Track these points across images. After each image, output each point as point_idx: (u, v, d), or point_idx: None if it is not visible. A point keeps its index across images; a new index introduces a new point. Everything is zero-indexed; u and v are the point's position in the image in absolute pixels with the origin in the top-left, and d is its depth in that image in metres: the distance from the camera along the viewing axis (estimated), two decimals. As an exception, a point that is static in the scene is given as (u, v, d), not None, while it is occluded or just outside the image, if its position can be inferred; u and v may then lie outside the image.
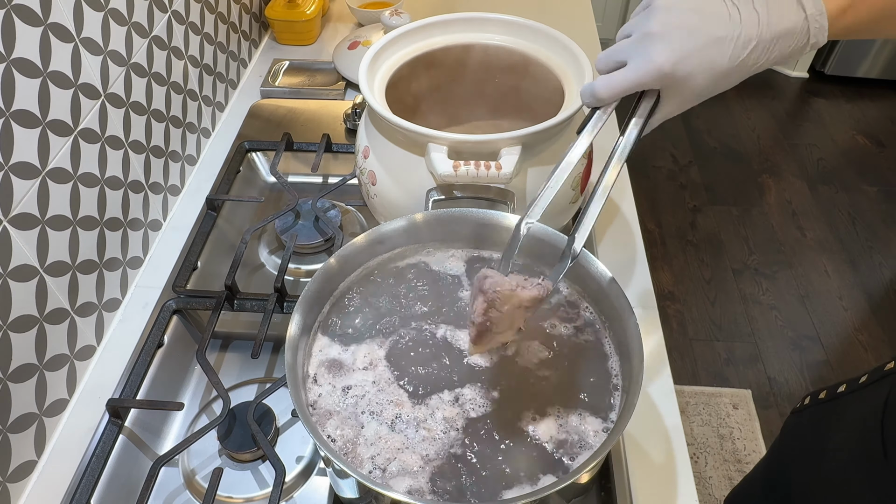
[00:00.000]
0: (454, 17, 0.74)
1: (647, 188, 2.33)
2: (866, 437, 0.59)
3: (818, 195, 2.31)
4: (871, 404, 0.61)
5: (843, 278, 2.03)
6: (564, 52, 0.70)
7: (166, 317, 0.74)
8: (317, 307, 0.57)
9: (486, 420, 0.51)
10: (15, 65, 0.57)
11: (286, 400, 0.68)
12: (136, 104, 0.78)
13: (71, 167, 0.66)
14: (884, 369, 0.62)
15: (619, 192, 0.91)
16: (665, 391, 0.69)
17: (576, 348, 0.55)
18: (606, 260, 0.81)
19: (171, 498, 0.64)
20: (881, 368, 0.63)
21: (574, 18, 1.27)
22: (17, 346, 0.59)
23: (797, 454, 0.71)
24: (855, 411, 0.64)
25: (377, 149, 0.68)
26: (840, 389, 0.68)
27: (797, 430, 0.74)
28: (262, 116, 1.03)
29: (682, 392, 1.73)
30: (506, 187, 0.62)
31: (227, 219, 0.89)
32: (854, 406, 0.64)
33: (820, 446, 0.67)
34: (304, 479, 0.65)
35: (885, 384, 0.61)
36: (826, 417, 0.68)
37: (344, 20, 1.28)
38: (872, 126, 2.59)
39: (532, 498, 0.44)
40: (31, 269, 0.61)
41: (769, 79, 2.83)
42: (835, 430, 0.65)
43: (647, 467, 0.63)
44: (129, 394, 0.67)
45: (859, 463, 0.60)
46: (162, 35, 0.83)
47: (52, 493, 0.62)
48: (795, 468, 0.70)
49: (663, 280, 2.03)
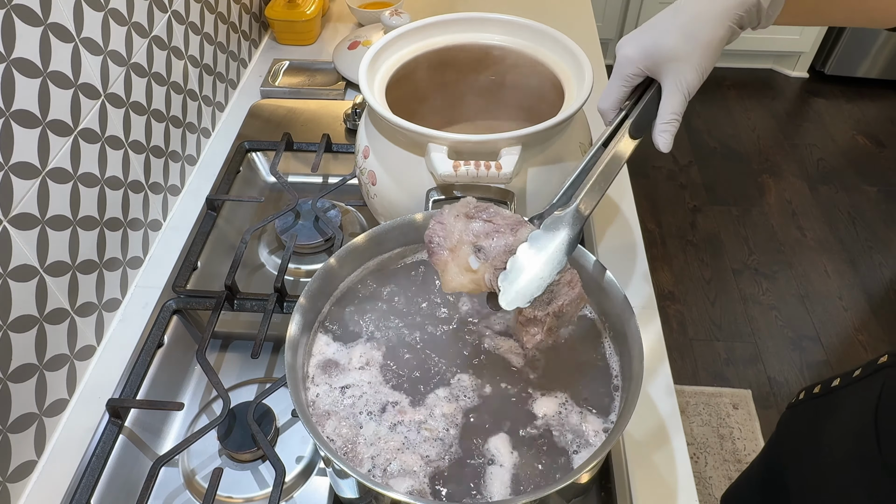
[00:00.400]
0: (454, 17, 0.74)
1: (647, 188, 2.33)
2: (860, 430, 0.59)
3: (818, 195, 2.31)
4: (865, 398, 0.61)
5: (843, 278, 2.03)
6: (564, 52, 0.70)
7: (166, 317, 0.74)
8: (317, 307, 0.57)
9: (486, 420, 0.51)
10: (15, 65, 0.57)
11: (286, 400, 0.68)
12: (136, 104, 0.78)
13: (71, 167, 0.66)
14: (877, 363, 0.63)
15: (619, 192, 0.91)
16: (665, 391, 0.69)
17: (575, 348, 0.55)
18: (606, 260, 0.81)
19: (171, 498, 0.64)
20: (874, 362, 0.63)
21: (574, 18, 1.27)
22: (17, 346, 0.59)
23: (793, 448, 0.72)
24: (849, 405, 0.64)
25: (377, 149, 0.68)
26: (834, 383, 0.68)
27: (792, 425, 0.74)
28: (262, 116, 1.03)
29: (682, 392, 1.73)
30: (506, 187, 0.62)
31: (227, 219, 0.89)
32: (848, 400, 0.65)
33: (815, 440, 0.67)
34: (304, 479, 0.65)
35: (878, 378, 0.61)
36: (820, 411, 0.68)
37: (344, 20, 1.28)
38: (872, 126, 2.59)
39: (532, 498, 0.44)
40: (31, 269, 0.61)
41: (769, 79, 2.83)
42: (829, 424, 0.66)
43: (647, 467, 0.63)
44: (129, 394, 0.67)
45: (853, 456, 0.60)
46: (162, 35, 0.83)
47: (52, 493, 0.62)
48: (791, 462, 0.70)
49: (663, 280, 2.03)
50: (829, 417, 0.66)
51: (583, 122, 0.71)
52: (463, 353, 0.55)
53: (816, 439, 0.67)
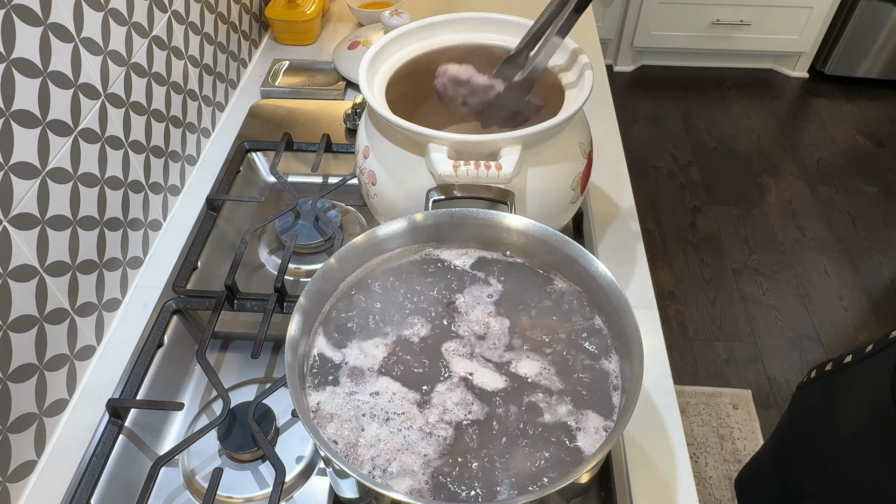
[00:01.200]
0: (454, 17, 0.74)
1: (647, 188, 2.33)
2: (877, 405, 0.59)
3: (818, 195, 2.31)
4: (880, 372, 0.61)
5: (843, 278, 2.03)
6: (564, 52, 0.70)
7: (166, 317, 0.74)
8: (317, 307, 0.57)
9: (485, 420, 0.51)
10: (15, 65, 0.57)
11: (286, 400, 0.68)
12: (136, 104, 0.78)
13: (71, 167, 0.66)
14: (889, 337, 0.62)
15: (619, 192, 0.91)
16: (665, 391, 0.69)
17: (575, 348, 0.55)
18: (606, 260, 0.81)
19: (171, 498, 0.64)
20: (886, 337, 0.63)
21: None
22: (17, 346, 0.59)
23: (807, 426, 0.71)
24: (864, 381, 0.64)
25: (377, 149, 0.68)
26: (847, 360, 0.68)
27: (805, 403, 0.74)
28: (262, 116, 1.03)
29: (682, 392, 1.73)
30: (506, 187, 0.62)
31: (227, 219, 0.89)
32: (862, 375, 0.65)
33: (829, 416, 0.67)
34: (304, 479, 0.65)
35: (891, 351, 0.61)
36: (834, 389, 0.68)
37: (344, 20, 1.28)
38: (872, 126, 2.59)
39: (532, 497, 0.44)
40: (31, 269, 0.61)
41: (769, 79, 2.83)
42: (844, 399, 0.65)
43: (647, 467, 0.63)
44: (129, 394, 0.67)
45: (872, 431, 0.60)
46: (162, 35, 0.83)
47: (52, 493, 0.62)
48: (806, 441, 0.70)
49: (663, 280, 2.03)
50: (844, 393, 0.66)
51: (583, 122, 0.71)
52: (464, 351, 0.55)
53: (831, 415, 0.67)
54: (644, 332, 0.52)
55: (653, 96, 2.72)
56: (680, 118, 2.61)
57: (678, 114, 2.63)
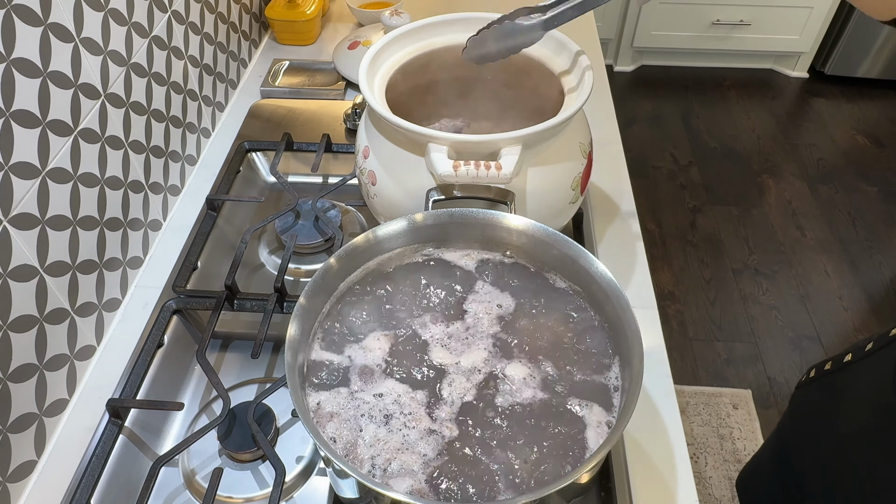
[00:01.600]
0: (454, 17, 0.74)
1: (647, 188, 2.33)
2: (878, 403, 0.59)
3: (818, 195, 2.31)
4: (880, 371, 0.61)
5: (843, 278, 2.03)
6: (564, 52, 0.70)
7: (166, 317, 0.74)
8: (317, 307, 0.57)
9: (486, 420, 0.51)
10: (15, 65, 0.57)
11: (286, 400, 0.68)
12: (136, 104, 0.78)
13: (71, 167, 0.66)
14: (889, 334, 0.62)
15: (618, 191, 0.91)
16: (665, 391, 0.69)
17: (576, 348, 0.55)
18: (606, 260, 0.81)
19: (171, 498, 0.64)
20: (886, 334, 0.63)
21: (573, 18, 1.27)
22: (17, 346, 0.59)
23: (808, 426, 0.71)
24: (864, 379, 0.64)
25: (377, 149, 0.68)
26: (846, 359, 0.68)
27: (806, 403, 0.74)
28: (262, 116, 1.03)
29: (682, 392, 1.73)
30: (506, 187, 0.62)
31: (227, 219, 0.89)
32: (862, 374, 0.64)
33: (831, 414, 0.67)
34: (304, 479, 0.65)
35: (892, 349, 0.61)
36: (834, 388, 0.68)
37: (344, 20, 1.28)
38: (872, 126, 2.59)
39: (532, 497, 0.44)
40: (31, 269, 0.61)
41: (769, 79, 2.83)
42: (845, 400, 0.65)
43: (647, 467, 0.63)
44: (129, 394, 0.67)
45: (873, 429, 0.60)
46: (162, 35, 0.83)
47: (52, 493, 0.62)
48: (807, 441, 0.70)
49: (663, 280, 2.03)
50: (844, 392, 0.66)
51: (583, 122, 0.71)
52: (464, 352, 0.55)
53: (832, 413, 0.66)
54: (644, 332, 0.52)
55: (653, 96, 2.72)
56: (680, 118, 2.61)
57: (678, 114, 2.63)
